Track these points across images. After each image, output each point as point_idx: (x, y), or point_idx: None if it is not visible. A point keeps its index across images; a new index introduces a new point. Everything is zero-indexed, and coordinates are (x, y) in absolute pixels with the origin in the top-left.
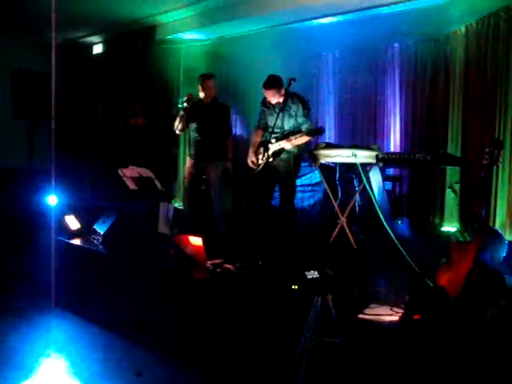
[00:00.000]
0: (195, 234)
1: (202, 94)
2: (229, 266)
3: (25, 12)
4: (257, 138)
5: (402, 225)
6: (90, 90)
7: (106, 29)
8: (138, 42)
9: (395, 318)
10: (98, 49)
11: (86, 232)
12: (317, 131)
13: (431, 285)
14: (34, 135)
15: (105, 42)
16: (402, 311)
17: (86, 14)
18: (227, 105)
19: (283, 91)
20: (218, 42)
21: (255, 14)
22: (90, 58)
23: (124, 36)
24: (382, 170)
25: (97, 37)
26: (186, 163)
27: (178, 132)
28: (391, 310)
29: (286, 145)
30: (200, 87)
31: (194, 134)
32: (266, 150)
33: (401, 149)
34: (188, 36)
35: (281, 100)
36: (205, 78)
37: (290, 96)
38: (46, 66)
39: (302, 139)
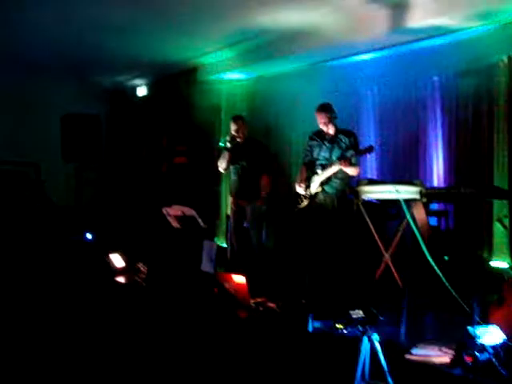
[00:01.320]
0: (238, 273)
1: (229, 135)
2: (272, 304)
3: (74, 59)
4: (303, 173)
5: (448, 261)
6: (135, 131)
7: (150, 72)
8: (181, 83)
9: (446, 359)
10: (142, 91)
11: (130, 270)
12: (367, 150)
13: (482, 323)
14: (81, 176)
15: (149, 85)
16: (452, 352)
17: (131, 58)
18: (263, 142)
19: (334, 120)
20: (258, 80)
21: (292, 53)
22: (135, 100)
23: (167, 78)
24: (426, 206)
25: (141, 79)
26: (229, 201)
27: (222, 170)
28: (440, 350)
29: (335, 168)
30: (232, 128)
31: (232, 173)
32: (312, 181)
33: (445, 183)
34: (228, 76)
35: (331, 131)
36: (235, 120)
37: (341, 130)
38: (94, 110)
39: (351, 168)
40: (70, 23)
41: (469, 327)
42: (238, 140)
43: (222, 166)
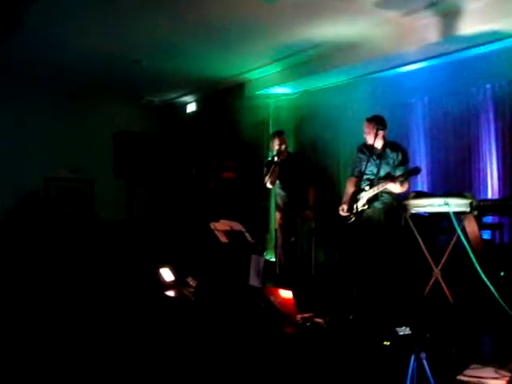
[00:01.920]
0: (285, 287)
1: (275, 151)
2: (319, 320)
3: (126, 78)
4: (350, 187)
5: (504, 276)
6: (185, 147)
7: (198, 88)
8: (229, 98)
9: (502, 382)
10: (191, 108)
11: (179, 284)
12: (413, 171)
13: None
14: (132, 192)
15: (197, 101)
16: (509, 375)
17: (180, 76)
18: (305, 154)
19: (382, 134)
20: (306, 94)
21: (341, 66)
22: (185, 116)
23: (215, 94)
24: (478, 218)
25: (190, 96)
26: (276, 216)
27: (269, 186)
28: (496, 372)
29: (383, 186)
30: (277, 143)
31: (277, 188)
32: (360, 198)
33: (499, 195)
34: (275, 91)
35: (378, 145)
36: (279, 134)
37: (388, 144)
38: (145, 127)
39: (398, 186)
40: (121, 43)
41: None
42: (284, 154)
43: (269, 180)
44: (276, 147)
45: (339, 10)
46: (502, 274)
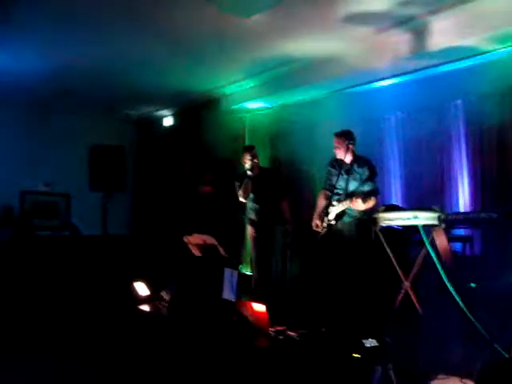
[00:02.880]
0: (258, 301)
1: (247, 166)
2: (292, 333)
3: (102, 92)
4: (321, 200)
5: (473, 288)
6: (161, 161)
7: (175, 102)
8: (205, 113)
9: None
10: (168, 121)
11: (154, 298)
12: (370, 193)
13: (505, 355)
14: (107, 205)
15: (174, 115)
16: None
17: (157, 90)
18: (278, 168)
19: (351, 148)
20: (281, 109)
21: (315, 81)
22: (162, 130)
23: (191, 108)
24: (447, 231)
25: (167, 110)
26: (248, 230)
27: (243, 200)
28: (461, 381)
29: (346, 205)
30: (248, 158)
31: (250, 202)
32: (329, 212)
33: (470, 208)
34: (251, 105)
35: (347, 160)
36: (250, 149)
37: (356, 159)
38: (122, 141)
39: (362, 204)
40: (97, 56)
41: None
42: (256, 169)
43: (243, 195)
44: (248, 162)
45: (313, 26)
46: (473, 285)
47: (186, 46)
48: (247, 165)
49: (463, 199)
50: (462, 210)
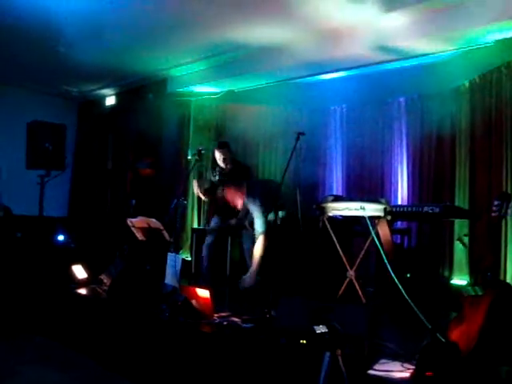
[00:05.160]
0: (203, 286)
1: (219, 162)
2: (236, 319)
3: (41, 66)
4: None
5: (411, 278)
6: (103, 141)
7: (118, 82)
8: (150, 94)
9: (406, 374)
10: (110, 101)
11: (92, 282)
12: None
13: (443, 340)
14: (45, 185)
15: (117, 95)
16: (413, 367)
17: (99, 68)
18: (247, 165)
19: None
20: (228, 95)
21: (264, 70)
22: (103, 109)
23: (136, 88)
24: (390, 223)
25: (110, 89)
26: (213, 220)
27: (203, 198)
28: (402, 366)
29: None
30: (218, 157)
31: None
32: None
33: (408, 202)
34: (198, 89)
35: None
36: (221, 147)
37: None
38: (61, 118)
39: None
40: (39, 27)
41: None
42: (227, 167)
43: (201, 193)
44: (220, 163)
45: (268, 13)
46: (408, 275)
47: (132, 24)
48: (220, 163)
49: (401, 193)
50: (399, 203)
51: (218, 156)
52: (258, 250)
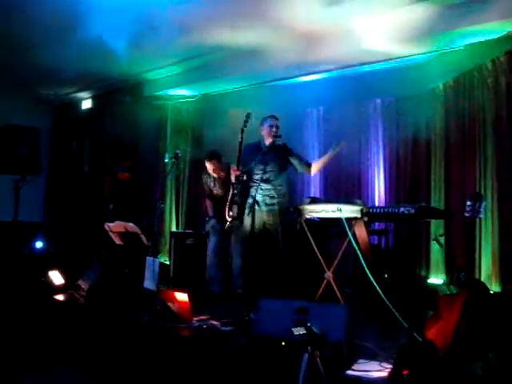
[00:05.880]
0: (181, 290)
1: (210, 172)
2: (215, 322)
3: (14, 69)
4: None
5: (388, 278)
6: (79, 144)
7: (94, 85)
8: (126, 97)
9: (384, 373)
10: (87, 104)
11: (70, 287)
12: None
13: (419, 339)
14: (20, 189)
15: (94, 98)
16: (390, 367)
17: (75, 71)
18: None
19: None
20: (205, 98)
21: (240, 73)
22: (79, 113)
23: (112, 92)
24: (367, 225)
25: (86, 92)
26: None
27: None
28: (380, 365)
29: None
30: (209, 168)
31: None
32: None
33: (385, 203)
34: (175, 92)
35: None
36: (209, 159)
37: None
38: (36, 122)
39: None
40: (13, 34)
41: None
42: (220, 175)
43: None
44: (211, 173)
45: (244, 15)
46: (386, 275)
47: (108, 27)
48: (209, 171)
49: (378, 194)
50: (377, 204)
51: (208, 166)
52: None
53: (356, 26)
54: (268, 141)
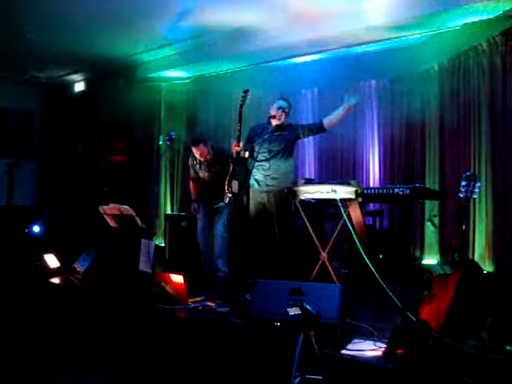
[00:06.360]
0: (177, 272)
1: (197, 156)
2: (211, 303)
3: (5, 51)
4: None
5: (383, 259)
6: (73, 127)
7: (87, 67)
8: (120, 80)
9: (378, 353)
10: (79, 87)
11: (65, 270)
12: None
13: (413, 318)
14: (13, 173)
15: (86, 81)
16: (385, 346)
17: (67, 53)
18: (226, 152)
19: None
20: (199, 79)
21: (234, 53)
22: (72, 95)
23: (105, 74)
24: (362, 205)
25: (79, 75)
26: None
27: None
28: (374, 345)
29: None
30: (195, 153)
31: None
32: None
33: (380, 184)
34: (169, 74)
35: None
36: (194, 144)
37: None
38: (28, 104)
39: None
40: (5, 14)
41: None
42: (206, 159)
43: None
44: (198, 157)
45: None
46: (380, 256)
47: (101, 8)
48: (196, 156)
49: (373, 175)
50: (371, 185)
51: (195, 151)
52: None
53: (350, 6)
54: (274, 121)
